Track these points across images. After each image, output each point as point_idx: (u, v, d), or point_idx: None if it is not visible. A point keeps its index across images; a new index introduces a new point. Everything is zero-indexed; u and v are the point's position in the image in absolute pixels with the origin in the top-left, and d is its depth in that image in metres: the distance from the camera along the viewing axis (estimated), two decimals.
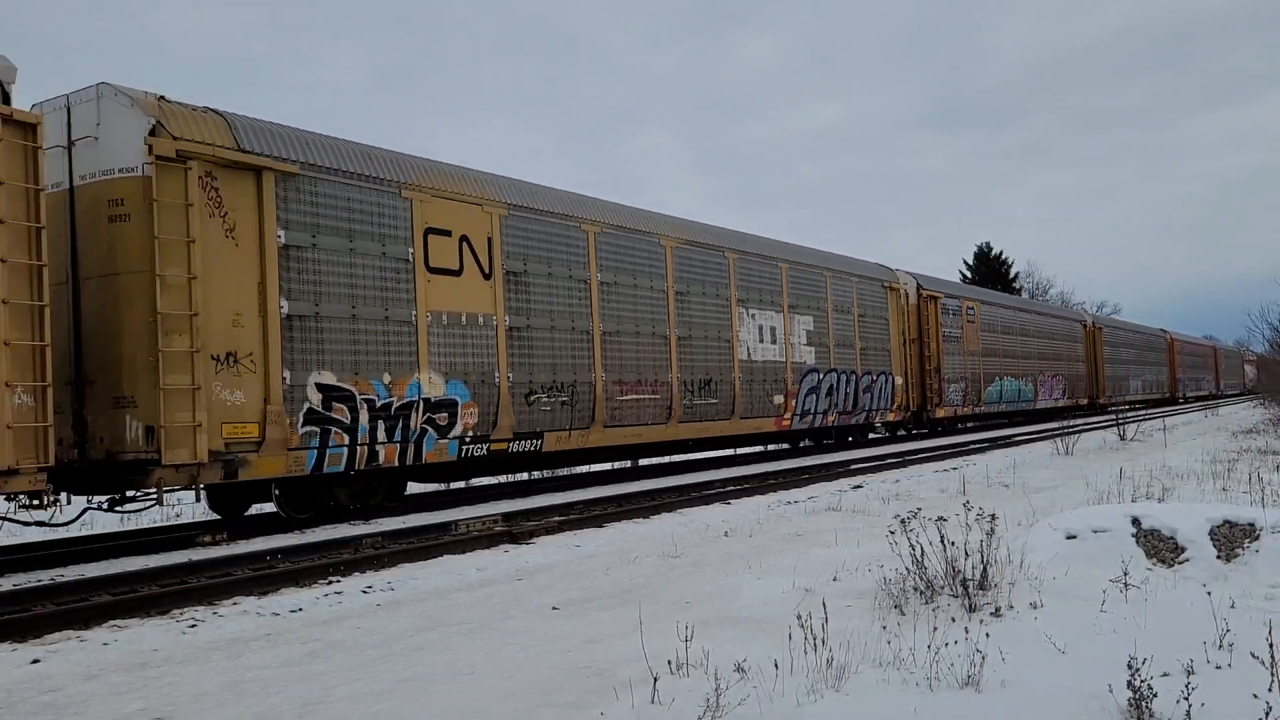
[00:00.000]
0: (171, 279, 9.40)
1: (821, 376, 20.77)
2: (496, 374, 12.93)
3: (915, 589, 5.80)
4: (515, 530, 9.90)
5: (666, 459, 19.45)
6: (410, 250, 11.95)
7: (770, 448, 22.93)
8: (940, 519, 6.20)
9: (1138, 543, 6.39)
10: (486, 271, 12.97)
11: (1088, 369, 38.34)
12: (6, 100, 8.36)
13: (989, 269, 60.30)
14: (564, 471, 17.21)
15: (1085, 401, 36.73)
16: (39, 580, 8.04)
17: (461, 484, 15.39)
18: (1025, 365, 31.96)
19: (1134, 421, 24.71)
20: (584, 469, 17.33)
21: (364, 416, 11.23)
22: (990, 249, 61.98)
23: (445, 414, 12.21)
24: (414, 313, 11.91)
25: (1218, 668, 4.32)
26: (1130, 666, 3.78)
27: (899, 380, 24.05)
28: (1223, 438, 20.99)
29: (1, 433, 7.90)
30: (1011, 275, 62.09)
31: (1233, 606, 5.25)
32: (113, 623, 6.51)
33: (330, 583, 7.84)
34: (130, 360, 9.38)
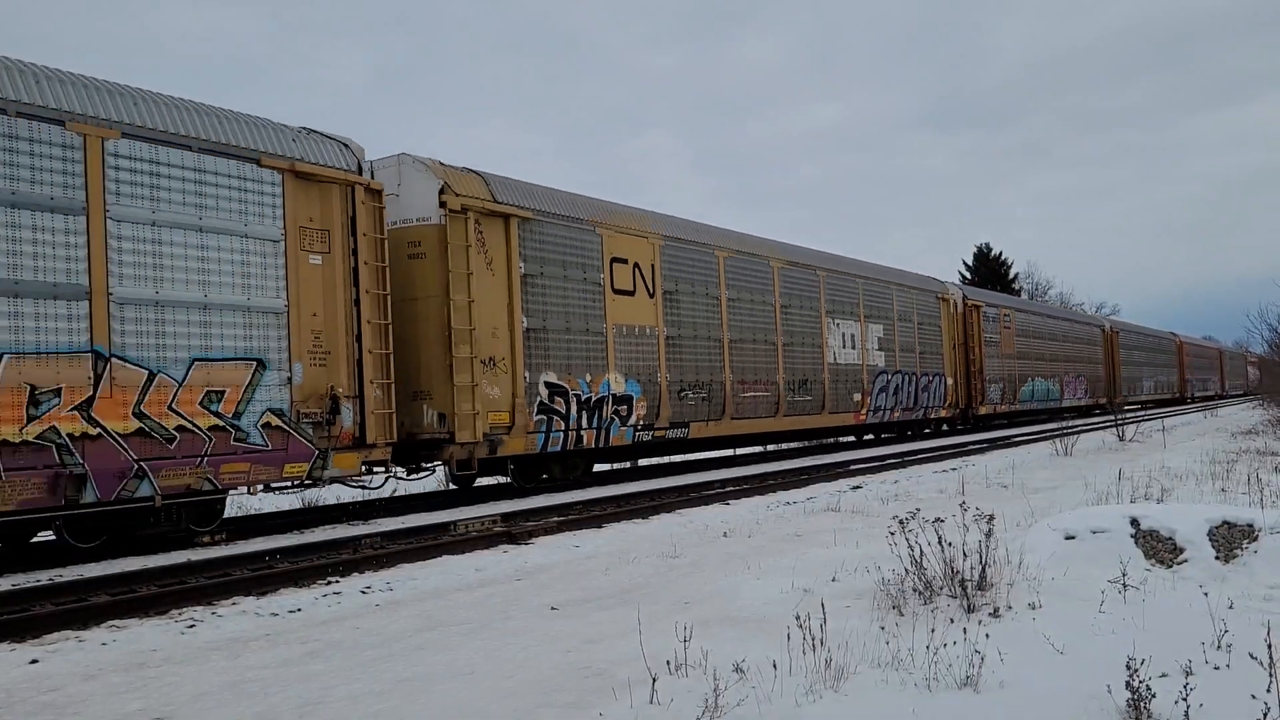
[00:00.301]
0: (458, 302, 12.51)
1: (890, 377, 23.71)
2: (658, 375, 16.03)
3: (914, 589, 5.80)
4: (514, 530, 9.90)
5: (663, 459, 20.16)
6: (601, 276, 15.10)
7: (769, 447, 23.14)
8: (939, 520, 6.21)
9: (1136, 543, 6.39)
10: (650, 291, 16.12)
11: (1106, 371, 41.08)
12: (360, 172, 11.23)
13: (988, 269, 60.25)
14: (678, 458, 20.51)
15: (1104, 400, 38.64)
16: (38, 580, 8.04)
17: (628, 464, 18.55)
18: (1053, 367, 34.65)
19: (1133, 422, 24.83)
20: (664, 460, 20.41)
21: (574, 408, 14.25)
22: (989, 249, 61.94)
23: (625, 406, 15.26)
24: (605, 325, 15.03)
25: (1216, 668, 4.32)
26: (1129, 667, 3.78)
27: (950, 381, 26.93)
28: (1222, 438, 20.99)
29: (369, 418, 10.97)
30: (1011, 276, 62.08)
31: (1231, 607, 5.26)
32: (112, 623, 6.51)
33: (329, 583, 7.85)
34: (427, 364, 12.47)
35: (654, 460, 20.14)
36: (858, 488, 13.89)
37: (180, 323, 9.42)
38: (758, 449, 22.74)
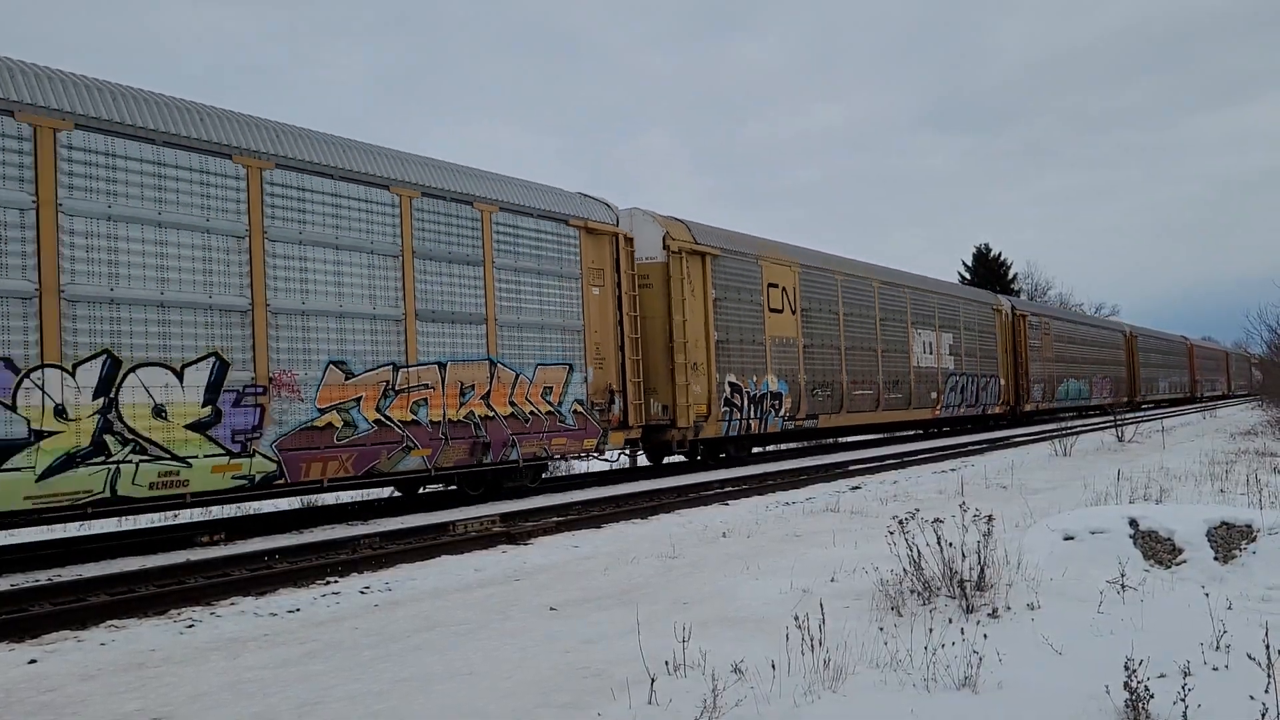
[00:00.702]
0: (676, 321, 16.54)
1: (958, 378, 27.65)
2: (799, 376, 20.14)
3: (913, 590, 5.80)
4: (513, 531, 9.90)
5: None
6: (761, 298, 19.16)
7: (770, 448, 23.17)
8: (938, 520, 6.21)
9: (1135, 544, 6.40)
10: (793, 309, 20.23)
11: (1127, 372, 45.00)
12: (617, 224, 15.49)
13: (987, 270, 60.22)
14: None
15: (1125, 399, 43.01)
16: (36, 580, 8.04)
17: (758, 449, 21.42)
18: (1084, 369, 38.43)
19: (1132, 423, 24.97)
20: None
21: (745, 402, 18.19)
22: (989, 250, 61.91)
23: (777, 401, 19.26)
24: (764, 337, 19.12)
25: (1215, 669, 4.32)
26: (1127, 668, 3.78)
27: (1003, 381, 31.08)
28: (1221, 439, 20.99)
29: (629, 407, 15.27)
30: (1010, 276, 62.06)
31: (1230, 608, 5.26)
32: (110, 623, 6.51)
33: (328, 583, 7.85)
34: (654, 367, 16.33)
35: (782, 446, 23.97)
36: (857, 488, 13.89)
37: (531, 339, 13.63)
38: (829, 440, 26.09)
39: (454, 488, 13.68)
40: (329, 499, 13.73)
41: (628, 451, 16.74)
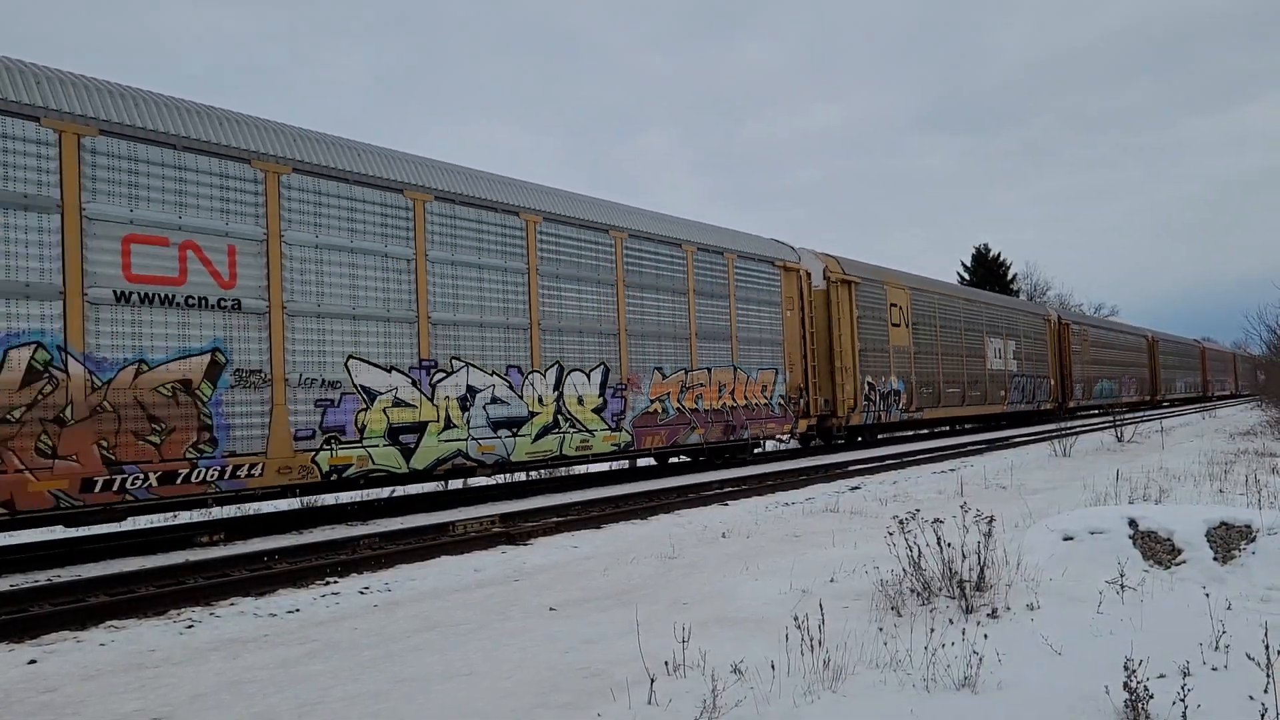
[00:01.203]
0: (835, 335, 21.79)
1: (1019, 379, 33.00)
2: (910, 377, 25.11)
3: (912, 590, 5.80)
4: (513, 531, 9.90)
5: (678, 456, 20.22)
6: (886, 316, 24.25)
7: (773, 446, 23.22)
8: (937, 520, 6.21)
9: (1134, 544, 6.40)
10: (906, 324, 25.34)
11: (1150, 373, 50.59)
12: (799, 262, 20.42)
13: (987, 270, 60.27)
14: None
15: (1149, 397, 49.12)
16: (36, 581, 8.03)
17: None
18: (1114, 371, 43.82)
19: (1131, 423, 25.08)
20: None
21: (877, 398, 23.24)
22: (988, 250, 61.95)
23: (897, 397, 24.29)
24: (889, 346, 24.20)
25: (1214, 669, 4.32)
26: (1126, 668, 3.78)
27: (1052, 382, 36.28)
28: (1220, 439, 21.00)
29: (810, 402, 20.19)
30: (1010, 277, 62.09)
31: (1229, 608, 5.26)
32: (110, 623, 6.51)
33: (328, 583, 7.85)
34: (819, 371, 21.18)
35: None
36: (856, 489, 13.90)
37: (754, 350, 18.73)
38: (909, 433, 30.02)
39: (702, 459, 18.87)
40: (328, 499, 13.72)
41: (811, 433, 21.69)
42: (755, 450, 19.79)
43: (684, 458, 19.48)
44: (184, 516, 12.46)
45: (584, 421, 14.35)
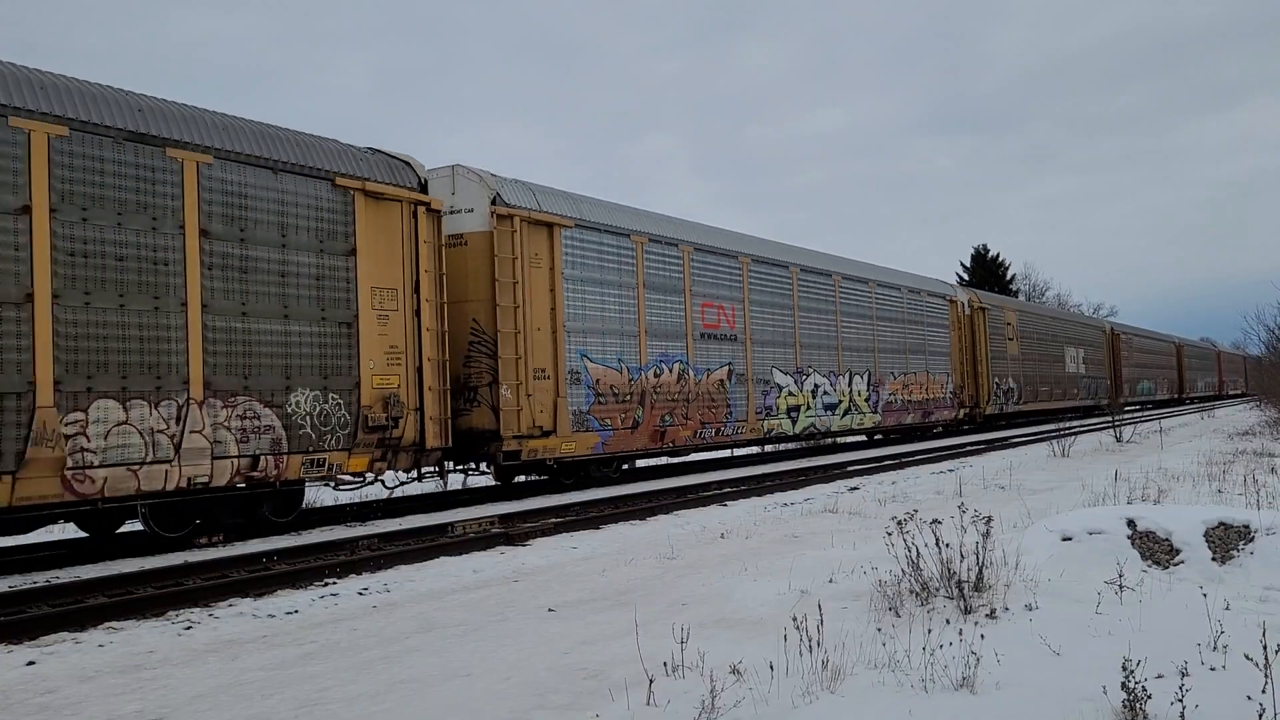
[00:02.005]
0: (976, 348, 29.82)
1: (1085, 380, 40.89)
2: (1021, 378, 32.90)
3: (911, 591, 5.80)
4: (512, 532, 9.90)
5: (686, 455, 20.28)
6: (1004, 332, 31.49)
7: (763, 448, 23.23)
8: (936, 521, 6.22)
9: (1133, 544, 6.40)
10: (1015, 338, 32.63)
11: (1178, 375, 59.36)
12: (956, 295, 29.36)
13: (985, 271, 60.34)
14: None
15: (1176, 395, 58.05)
16: (34, 582, 8.03)
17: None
18: (1150, 373, 52.68)
19: (1130, 423, 25.14)
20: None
21: (1001, 393, 30.64)
22: (986, 251, 62.07)
23: (1011, 393, 31.71)
24: (1006, 354, 31.55)
25: (1212, 669, 4.33)
26: (1125, 668, 3.78)
27: (1107, 382, 44.29)
28: (1218, 440, 21.02)
29: (967, 396, 29.07)
30: (1009, 278, 62.17)
31: (1227, 608, 5.26)
32: (108, 624, 6.51)
33: (326, 584, 7.84)
34: (968, 373, 29.22)
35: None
36: (855, 489, 13.90)
37: (937, 361, 26.76)
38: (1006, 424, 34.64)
39: (895, 435, 26.52)
40: (327, 500, 13.71)
41: (963, 418, 28.77)
42: (934, 431, 27.99)
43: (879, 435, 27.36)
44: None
45: (860, 407, 22.64)
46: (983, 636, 4.65)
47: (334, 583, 7.90)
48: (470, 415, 13.24)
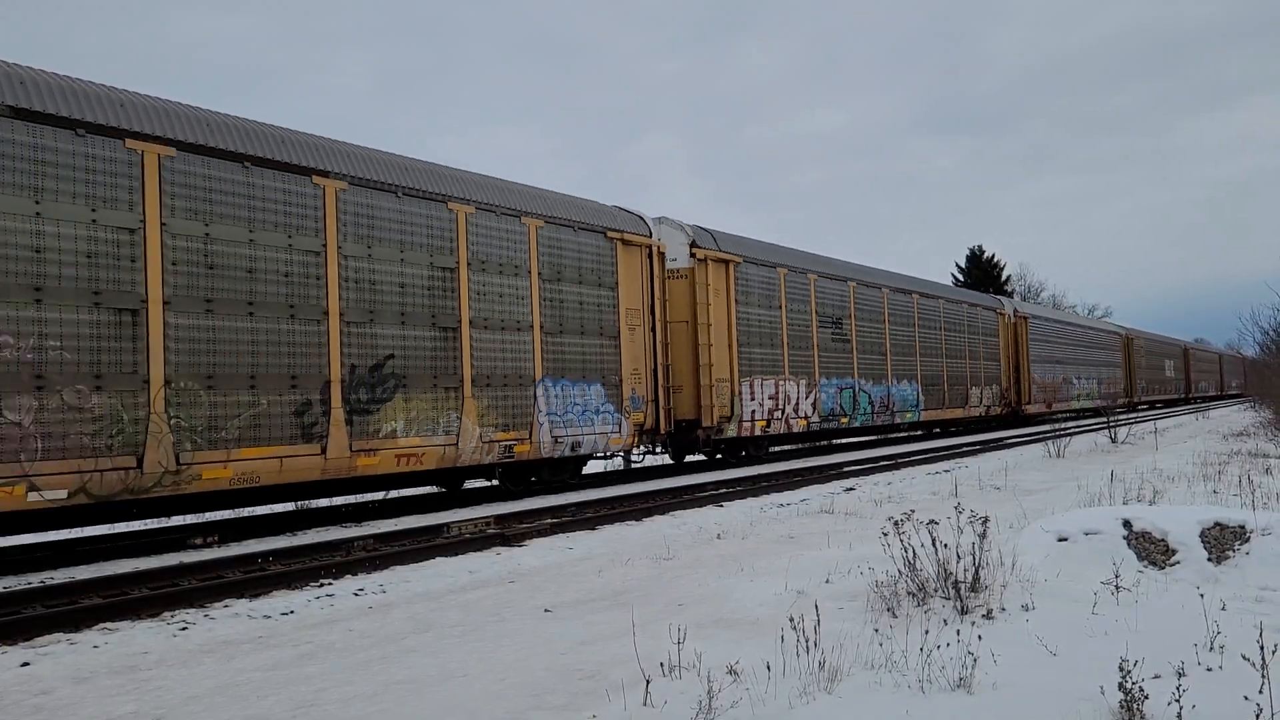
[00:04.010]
0: (1020, 354, 35.00)
1: (1108, 382, 44.56)
2: (1055, 379, 36.71)
3: (907, 591, 5.81)
4: (508, 532, 9.89)
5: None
6: (1043, 337, 36.15)
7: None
8: (932, 522, 6.21)
9: (1129, 545, 6.41)
10: (1049, 343, 36.49)
11: (1184, 376, 63.66)
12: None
13: (981, 271, 60.53)
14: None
15: (1182, 395, 62.19)
16: (29, 583, 8.00)
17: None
18: (1160, 374, 56.45)
19: (1125, 424, 25.18)
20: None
21: (1038, 394, 34.89)
22: (982, 251, 62.25)
23: (1077, 389, 39.41)
24: (1044, 358, 35.84)
25: (1209, 669, 4.33)
26: (1121, 668, 3.79)
27: (1123, 384, 47.76)
28: (1213, 440, 21.06)
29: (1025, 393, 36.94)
30: (1004, 278, 62.30)
31: (1223, 608, 5.27)
32: (103, 625, 6.49)
33: (322, 585, 7.82)
34: (1010, 376, 33.98)
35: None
36: (851, 490, 13.90)
37: (981, 366, 30.79)
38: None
39: (955, 429, 30.67)
40: (322, 501, 13.68)
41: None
42: (990, 424, 32.32)
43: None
44: (177, 518, 12.41)
45: (934, 402, 27.05)
46: (979, 637, 4.65)
47: (330, 583, 7.88)
48: (676, 407, 17.14)
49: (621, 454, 16.09)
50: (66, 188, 8.75)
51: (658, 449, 17.21)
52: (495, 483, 14.72)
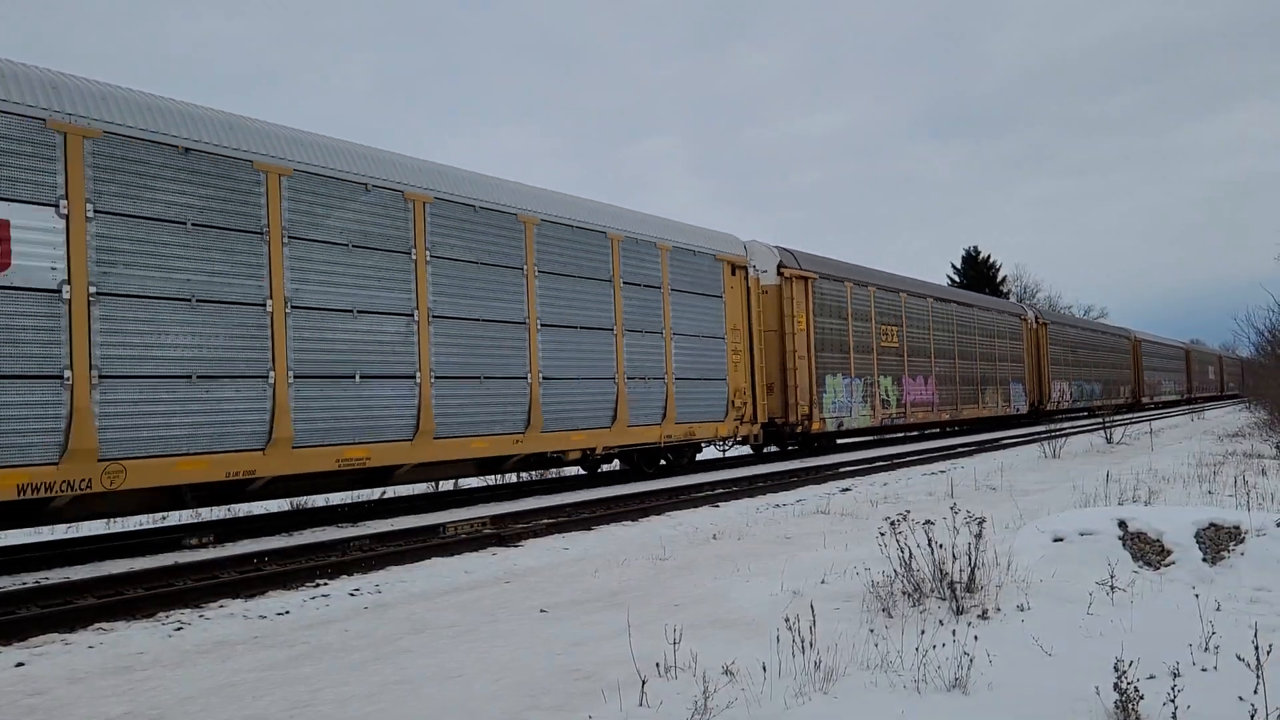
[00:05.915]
0: (1041, 359, 38.40)
1: (1117, 383, 47.58)
2: (1071, 381, 39.71)
3: (903, 592, 5.81)
4: (504, 533, 9.89)
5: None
6: (1061, 341, 39.31)
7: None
8: (928, 522, 6.22)
9: (1124, 545, 6.42)
10: (1067, 347, 39.66)
11: (1186, 377, 66.75)
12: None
13: (976, 272, 60.63)
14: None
15: (1184, 395, 64.81)
16: (24, 583, 7.98)
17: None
18: (1165, 375, 59.41)
19: (1121, 425, 25.24)
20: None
21: (1056, 394, 37.77)
22: (978, 252, 62.35)
23: (1065, 395, 38.85)
24: (1062, 361, 38.81)
25: (1204, 670, 4.34)
26: (1116, 669, 3.79)
27: (1132, 385, 50.89)
28: (1209, 441, 21.09)
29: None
30: (1000, 279, 62.40)
31: (1218, 609, 5.28)
32: (98, 625, 6.48)
33: (317, 585, 7.82)
34: (1033, 374, 37.75)
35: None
36: (847, 490, 13.91)
37: (1005, 367, 33.03)
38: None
39: (981, 426, 32.44)
40: (319, 501, 13.67)
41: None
42: (1012, 422, 34.02)
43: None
44: (173, 518, 12.40)
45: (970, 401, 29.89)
46: (975, 637, 4.66)
47: (325, 584, 7.88)
48: (768, 406, 19.65)
49: (722, 444, 18.33)
50: None
51: (756, 439, 19.19)
52: (624, 466, 17.05)
